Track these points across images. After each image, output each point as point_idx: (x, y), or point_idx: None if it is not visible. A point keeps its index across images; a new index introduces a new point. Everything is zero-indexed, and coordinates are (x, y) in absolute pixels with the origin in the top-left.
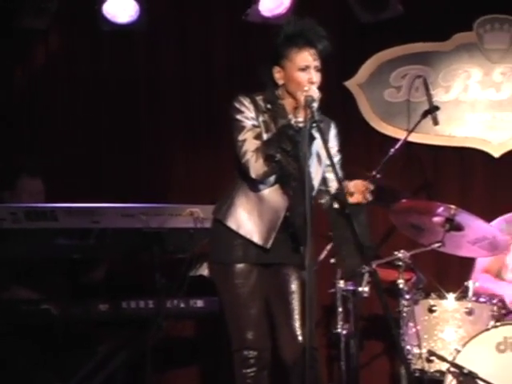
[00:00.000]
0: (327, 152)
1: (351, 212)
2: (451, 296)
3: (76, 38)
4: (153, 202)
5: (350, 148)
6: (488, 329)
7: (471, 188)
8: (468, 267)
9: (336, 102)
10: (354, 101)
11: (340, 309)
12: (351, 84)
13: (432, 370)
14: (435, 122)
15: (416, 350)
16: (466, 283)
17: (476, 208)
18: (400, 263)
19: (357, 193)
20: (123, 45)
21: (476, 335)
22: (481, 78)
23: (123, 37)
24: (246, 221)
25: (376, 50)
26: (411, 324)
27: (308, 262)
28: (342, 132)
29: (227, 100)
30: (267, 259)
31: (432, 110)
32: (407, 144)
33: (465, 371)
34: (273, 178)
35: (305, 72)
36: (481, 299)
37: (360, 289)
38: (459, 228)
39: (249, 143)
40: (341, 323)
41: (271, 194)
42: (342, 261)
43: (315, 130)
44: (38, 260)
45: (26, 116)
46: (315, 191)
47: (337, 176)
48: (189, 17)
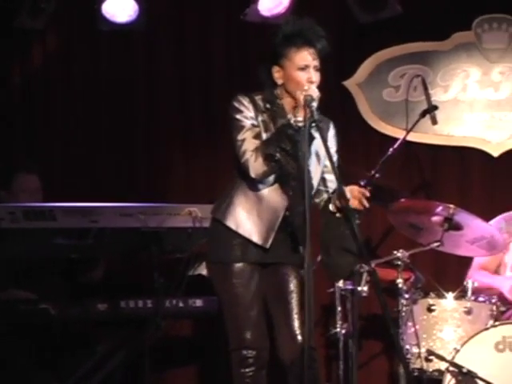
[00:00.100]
0: (327, 152)
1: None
2: (450, 295)
3: (74, 38)
4: (151, 202)
5: (349, 147)
6: (487, 328)
7: (470, 187)
8: (467, 267)
9: (335, 102)
10: (353, 100)
11: (339, 308)
12: (350, 84)
13: (431, 370)
14: (434, 122)
15: (415, 350)
16: (465, 282)
17: (475, 207)
18: (399, 263)
19: (352, 198)
20: (122, 45)
21: (475, 335)
22: (479, 78)
23: (122, 36)
24: (245, 220)
25: (375, 50)
26: (410, 323)
27: (307, 262)
28: (341, 132)
29: (226, 100)
30: (266, 259)
31: (431, 110)
32: (406, 143)
33: (464, 370)
34: (272, 178)
35: (304, 71)
36: (480, 298)
37: (359, 288)
38: (458, 227)
39: (248, 143)
40: (339, 323)
41: (270, 194)
42: (328, 262)
43: (314, 130)
44: (37, 259)
45: (26, 116)
46: (314, 190)
47: (336, 176)
48: (188, 16)
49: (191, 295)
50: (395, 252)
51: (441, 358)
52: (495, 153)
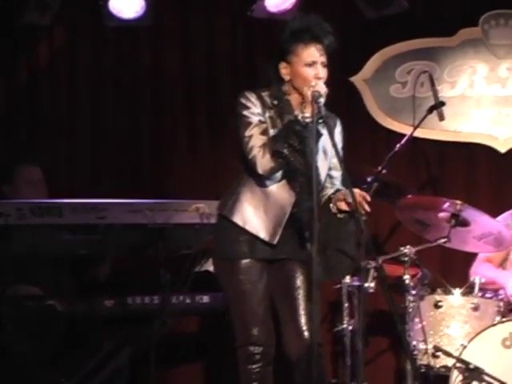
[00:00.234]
0: (334, 148)
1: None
2: (457, 291)
3: (80, 34)
4: (158, 198)
5: (356, 143)
6: (494, 324)
7: (477, 183)
8: (473, 263)
9: (341, 98)
10: (360, 96)
11: (345, 304)
12: (357, 80)
13: (438, 366)
14: (441, 118)
15: (422, 346)
16: (472, 279)
17: (482, 203)
18: (406, 259)
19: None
20: (128, 41)
21: (482, 331)
22: (486, 74)
23: (128, 33)
24: (252, 216)
25: (381, 46)
26: (417, 320)
27: (314, 258)
28: (348, 128)
29: (232, 96)
30: (273, 255)
31: (438, 106)
32: (413, 139)
33: (471, 367)
34: (279, 174)
35: (311, 67)
36: (487, 295)
37: (366, 284)
38: (465, 223)
39: (255, 139)
40: (346, 319)
41: (278, 190)
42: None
43: (322, 126)
44: (43, 256)
45: (31, 112)
46: (321, 187)
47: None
48: (194, 13)
49: (198, 292)
50: (402, 248)
51: (448, 354)
52: (502, 149)
